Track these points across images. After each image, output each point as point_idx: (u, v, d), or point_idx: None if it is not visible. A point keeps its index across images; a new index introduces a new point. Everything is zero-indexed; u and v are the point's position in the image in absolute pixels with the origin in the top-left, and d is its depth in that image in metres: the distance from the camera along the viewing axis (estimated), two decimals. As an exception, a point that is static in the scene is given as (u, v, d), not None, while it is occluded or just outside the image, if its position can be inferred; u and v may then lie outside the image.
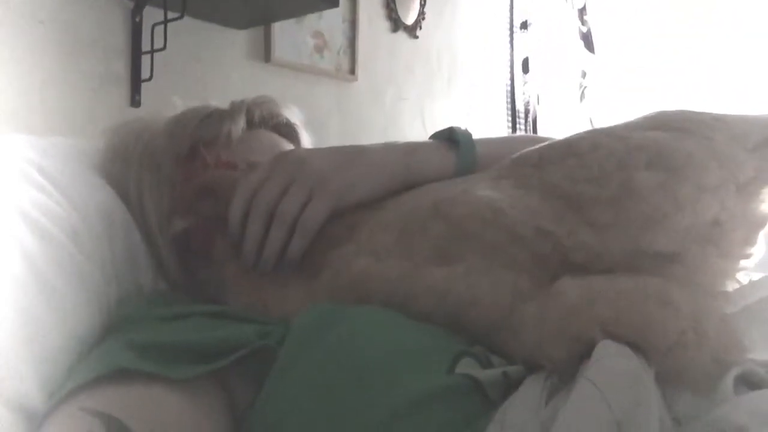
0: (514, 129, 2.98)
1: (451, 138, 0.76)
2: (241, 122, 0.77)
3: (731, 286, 0.58)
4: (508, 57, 3.03)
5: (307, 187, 0.65)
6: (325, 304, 0.58)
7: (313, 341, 0.53)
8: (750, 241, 0.59)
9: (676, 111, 0.64)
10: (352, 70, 2.24)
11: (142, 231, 0.71)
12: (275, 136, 0.82)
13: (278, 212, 0.64)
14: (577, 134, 0.65)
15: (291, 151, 0.70)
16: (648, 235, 0.55)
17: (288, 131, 0.84)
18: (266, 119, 0.82)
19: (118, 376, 0.48)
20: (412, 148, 0.74)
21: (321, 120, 2.10)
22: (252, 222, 0.65)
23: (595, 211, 0.56)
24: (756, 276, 0.60)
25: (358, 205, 0.68)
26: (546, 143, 0.65)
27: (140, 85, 1.60)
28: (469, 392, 0.49)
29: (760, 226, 0.59)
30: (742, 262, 0.59)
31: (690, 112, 0.64)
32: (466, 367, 0.51)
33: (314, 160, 0.67)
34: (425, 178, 0.71)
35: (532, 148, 0.65)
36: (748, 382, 0.48)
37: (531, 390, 0.48)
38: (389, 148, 0.73)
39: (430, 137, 0.79)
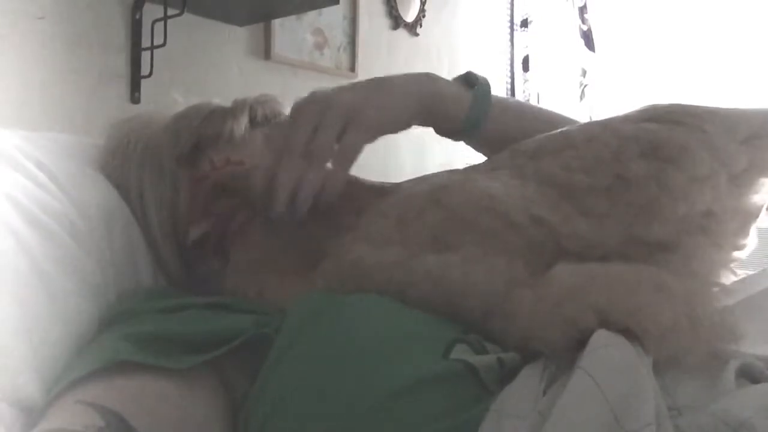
0: (514, 127, 2.98)
1: (469, 81, 0.77)
2: (244, 121, 0.77)
3: (726, 277, 0.59)
4: (509, 55, 3.03)
5: (339, 123, 0.63)
6: (321, 291, 0.59)
7: (309, 328, 0.53)
8: (743, 232, 0.60)
9: (670, 104, 0.65)
10: (352, 68, 2.24)
11: (142, 227, 0.71)
12: None
13: (314, 149, 0.62)
14: (572, 126, 0.66)
15: (314, 92, 0.68)
16: (642, 224, 0.56)
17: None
18: (269, 118, 0.82)
19: (116, 368, 0.48)
20: (431, 77, 0.74)
21: (321, 117, 2.10)
22: (283, 167, 0.62)
23: (589, 200, 0.57)
24: (752, 272, 0.61)
25: (364, 191, 0.68)
26: (543, 135, 0.66)
27: (140, 82, 1.60)
28: (464, 377, 0.49)
29: (753, 217, 0.60)
30: (735, 254, 0.60)
31: (682, 104, 0.65)
32: (461, 353, 0.51)
33: (340, 95, 0.66)
34: (442, 108, 0.72)
35: (529, 139, 0.66)
36: (749, 376, 0.48)
37: (529, 379, 0.48)
38: (408, 76, 0.72)
39: (454, 79, 0.79)
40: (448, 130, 0.75)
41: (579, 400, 0.43)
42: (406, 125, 0.69)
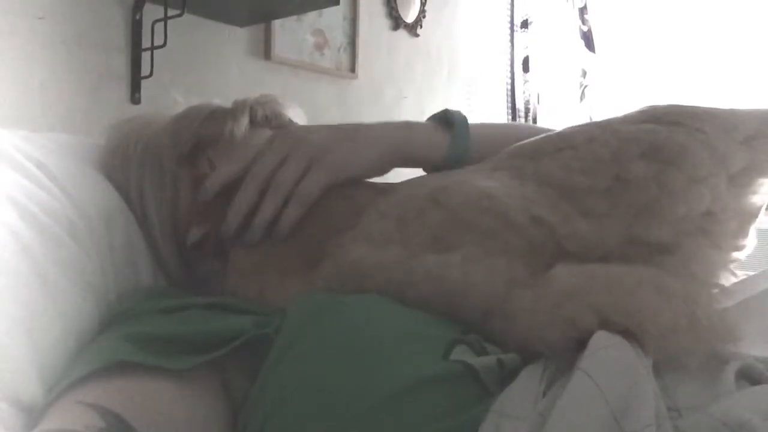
0: (514, 128, 2.98)
1: (446, 119, 0.78)
2: (244, 121, 0.77)
3: (725, 278, 0.59)
4: (509, 56, 3.03)
5: (305, 160, 0.67)
6: (321, 292, 0.59)
7: (309, 328, 0.53)
8: (742, 232, 0.60)
9: (669, 105, 0.65)
10: (353, 68, 2.25)
11: (143, 227, 0.71)
12: None
13: (274, 182, 0.66)
14: (572, 127, 0.67)
15: (289, 127, 0.72)
16: (641, 225, 0.56)
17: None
18: (269, 119, 0.82)
19: (116, 368, 0.48)
20: (408, 125, 0.76)
21: (321, 118, 2.10)
22: (244, 189, 0.66)
23: (589, 201, 0.57)
24: (752, 273, 0.61)
25: (363, 192, 0.68)
26: (542, 136, 0.66)
27: (140, 82, 1.60)
28: (464, 379, 0.50)
29: (752, 217, 0.60)
30: (735, 254, 0.60)
31: (682, 105, 0.65)
32: (461, 354, 0.52)
33: (313, 134, 0.69)
34: (419, 154, 0.74)
35: (528, 140, 0.66)
36: (749, 378, 0.48)
37: (529, 380, 0.48)
38: (386, 125, 0.75)
39: (427, 119, 0.81)
40: (433, 169, 0.77)
41: (579, 401, 0.43)
42: (378, 171, 0.72)
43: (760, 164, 0.60)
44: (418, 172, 0.78)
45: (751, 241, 0.61)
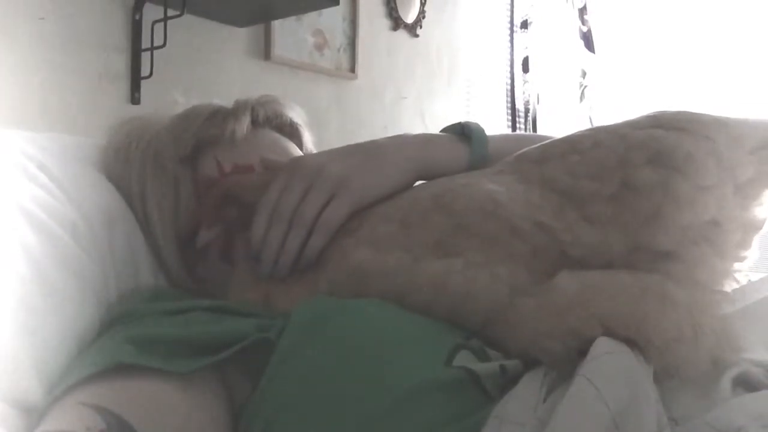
0: (513, 128, 2.98)
1: (463, 132, 0.76)
2: (246, 122, 0.77)
3: (729, 286, 0.58)
4: (508, 56, 3.03)
5: (327, 192, 0.66)
6: (324, 296, 0.59)
7: (312, 333, 0.53)
8: (745, 243, 0.59)
9: (677, 111, 0.64)
10: (352, 69, 2.24)
11: (144, 228, 0.71)
12: (279, 136, 0.82)
13: (297, 216, 0.65)
14: (578, 132, 0.66)
15: (306, 157, 0.71)
16: (647, 232, 0.55)
17: (291, 131, 0.84)
18: (270, 119, 0.82)
19: (118, 370, 0.48)
20: (427, 140, 0.75)
21: (321, 118, 2.10)
22: (272, 230, 0.65)
23: (594, 207, 0.57)
24: (754, 277, 0.60)
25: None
26: (547, 141, 0.66)
27: (140, 83, 1.60)
28: (467, 385, 0.50)
29: (756, 229, 0.60)
30: (737, 265, 0.59)
31: (690, 112, 0.64)
32: (464, 360, 0.52)
33: (332, 164, 0.68)
34: (439, 171, 0.72)
35: (534, 145, 0.66)
36: (745, 384, 0.48)
37: (530, 386, 0.48)
38: (404, 143, 0.73)
39: (442, 130, 0.79)
40: None
41: (580, 407, 0.43)
42: (400, 190, 0.70)
43: (767, 175, 0.60)
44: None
45: (753, 253, 0.60)
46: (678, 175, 0.56)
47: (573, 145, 0.62)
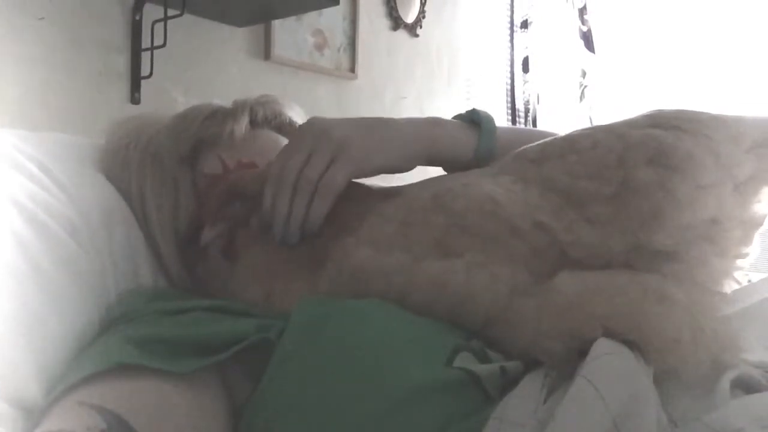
0: (513, 128, 2.98)
1: (472, 119, 0.76)
2: (244, 122, 0.77)
3: (729, 286, 0.58)
4: (508, 56, 3.03)
5: (328, 154, 0.66)
6: (324, 296, 0.59)
7: (312, 333, 0.53)
8: (746, 240, 0.59)
9: (675, 110, 0.64)
10: (352, 68, 2.24)
11: (143, 228, 0.71)
12: (278, 136, 0.82)
13: (300, 181, 0.65)
14: (577, 131, 0.65)
15: (314, 120, 0.71)
16: (647, 232, 0.55)
17: (291, 131, 0.84)
18: (269, 119, 0.82)
19: (118, 370, 0.48)
20: (436, 122, 0.75)
21: (321, 118, 2.10)
22: (279, 196, 0.66)
23: (594, 207, 0.57)
24: (755, 277, 0.60)
25: (369, 194, 0.68)
26: (546, 140, 0.66)
27: (140, 82, 1.60)
28: (467, 386, 0.50)
29: (757, 225, 0.60)
30: (739, 262, 0.59)
31: (689, 111, 0.64)
32: (464, 361, 0.51)
33: (336, 128, 0.68)
34: (447, 152, 0.72)
35: (533, 144, 0.65)
36: (745, 386, 0.48)
37: (530, 387, 0.48)
38: (412, 120, 0.74)
39: (454, 117, 0.79)
40: (457, 169, 0.76)
41: (580, 408, 0.43)
42: (404, 166, 0.71)
43: (766, 173, 0.60)
44: (438, 171, 0.76)
45: (754, 249, 0.60)
46: (677, 175, 0.56)
47: (571, 144, 0.62)
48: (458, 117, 0.79)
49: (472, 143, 0.74)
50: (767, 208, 0.60)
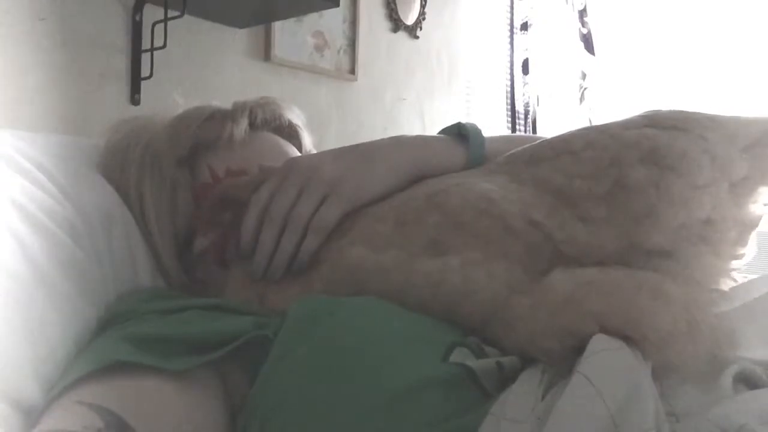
0: (513, 130, 2.98)
1: (460, 133, 0.76)
2: (244, 124, 0.77)
3: (725, 285, 0.58)
4: (508, 58, 3.03)
5: (320, 193, 0.66)
6: (320, 295, 0.59)
7: (309, 330, 0.53)
8: (741, 241, 0.59)
9: (671, 110, 0.65)
10: (352, 70, 2.25)
11: (142, 229, 0.71)
12: (277, 138, 0.82)
13: (291, 218, 0.65)
14: (570, 132, 0.66)
15: (301, 158, 0.70)
16: (641, 231, 0.55)
17: (290, 133, 0.84)
18: (269, 121, 0.82)
19: (116, 369, 0.48)
20: (422, 143, 0.74)
21: (320, 119, 2.10)
22: (265, 232, 0.65)
23: (587, 206, 0.57)
24: (752, 277, 0.60)
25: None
26: (539, 141, 0.66)
27: (140, 83, 1.60)
28: (463, 381, 0.50)
29: (752, 226, 0.60)
30: (734, 263, 0.59)
31: (684, 111, 0.64)
32: (460, 356, 0.52)
33: (325, 165, 0.67)
34: (436, 173, 0.71)
35: (526, 146, 0.66)
36: (747, 381, 0.48)
37: (528, 383, 0.48)
38: (399, 144, 0.72)
39: (440, 132, 0.79)
40: None
41: (577, 405, 0.43)
42: (384, 195, 0.69)
43: (761, 172, 0.60)
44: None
45: (750, 250, 0.61)
46: (672, 174, 0.56)
47: (566, 145, 0.62)
48: (446, 131, 0.78)
49: (460, 159, 0.73)
50: (763, 208, 0.60)
